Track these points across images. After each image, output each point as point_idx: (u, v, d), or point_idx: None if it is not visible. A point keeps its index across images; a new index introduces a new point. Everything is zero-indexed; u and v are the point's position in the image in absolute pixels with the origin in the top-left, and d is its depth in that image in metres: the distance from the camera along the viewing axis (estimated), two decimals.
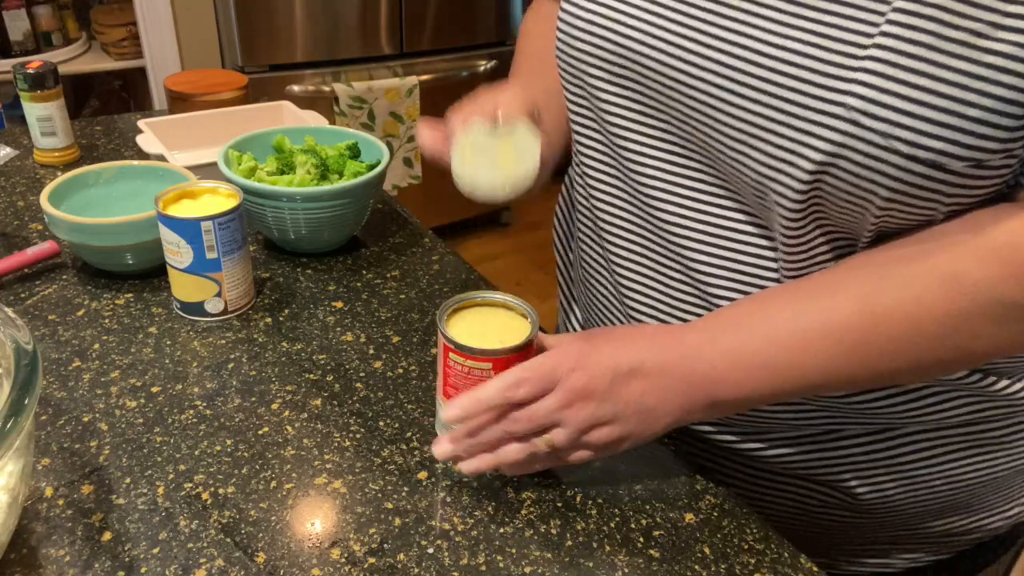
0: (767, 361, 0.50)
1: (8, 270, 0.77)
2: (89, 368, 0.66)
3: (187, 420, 0.62)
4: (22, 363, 0.45)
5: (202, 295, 0.72)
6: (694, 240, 0.57)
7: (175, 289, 0.73)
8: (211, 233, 0.69)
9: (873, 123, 0.43)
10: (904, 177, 0.45)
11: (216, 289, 0.72)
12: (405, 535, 0.53)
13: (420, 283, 0.81)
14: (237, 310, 0.74)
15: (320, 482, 0.57)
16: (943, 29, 0.41)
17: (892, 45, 0.42)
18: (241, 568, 0.50)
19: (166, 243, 0.70)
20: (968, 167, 0.44)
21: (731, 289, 0.57)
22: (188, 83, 1.13)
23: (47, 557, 0.50)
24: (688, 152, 0.56)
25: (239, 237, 0.71)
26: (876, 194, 0.46)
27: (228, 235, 0.70)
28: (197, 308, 0.73)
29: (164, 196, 0.71)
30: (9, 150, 1.05)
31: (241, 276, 0.73)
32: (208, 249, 0.69)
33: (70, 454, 0.58)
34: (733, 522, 0.56)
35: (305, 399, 0.64)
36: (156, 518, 0.53)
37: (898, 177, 0.45)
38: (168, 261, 0.71)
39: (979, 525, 0.67)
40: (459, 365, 0.54)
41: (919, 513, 0.65)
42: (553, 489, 0.57)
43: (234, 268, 0.72)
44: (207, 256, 0.70)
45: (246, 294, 0.74)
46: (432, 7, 2.30)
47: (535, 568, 0.51)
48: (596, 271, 0.69)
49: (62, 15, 2.30)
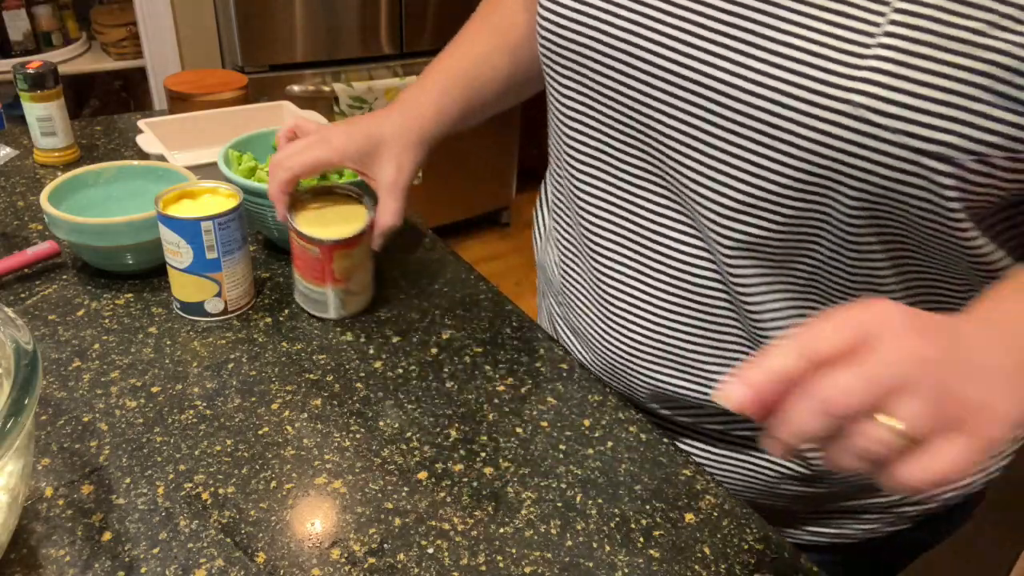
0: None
1: (8, 270, 0.77)
2: (89, 368, 0.67)
3: (187, 420, 0.62)
4: (22, 363, 0.45)
5: (202, 295, 0.72)
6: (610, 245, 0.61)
7: (175, 289, 0.73)
8: (211, 233, 0.69)
9: (882, 119, 0.44)
10: (912, 170, 0.45)
11: (216, 289, 0.72)
12: (405, 535, 0.53)
13: (420, 283, 0.81)
14: (237, 310, 0.74)
15: (320, 482, 0.57)
16: (944, 28, 0.42)
17: (896, 44, 0.43)
18: (241, 568, 0.50)
19: (166, 243, 0.70)
20: (975, 161, 0.44)
21: None
22: (188, 83, 1.13)
23: (47, 557, 0.50)
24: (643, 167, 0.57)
25: (239, 237, 0.71)
26: (885, 189, 0.46)
27: (228, 235, 0.70)
28: (197, 308, 0.73)
29: (164, 196, 0.71)
30: (9, 150, 1.05)
31: (241, 276, 0.73)
32: (208, 249, 0.69)
33: (70, 454, 0.58)
34: (733, 522, 0.56)
35: (305, 399, 0.64)
36: (156, 518, 0.53)
37: (906, 170, 0.45)
38: (168, 261, 0.71)
39: (931, 495, 0.68)
40: (299, 244, 0.70)
41: (869, 482, 0.65)
42: (553, 489, 0.57)
43: (234, 268, 0.72)
44: (207, 256, 0.70)
45: (246, 294, 0.74)
46: (432, 7, 2.30)
47: (535, 568, 0.51)
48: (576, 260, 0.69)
49: (62, 15, 2.30)
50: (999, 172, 0.46)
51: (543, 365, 0.70)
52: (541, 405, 0.65)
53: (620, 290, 0.63)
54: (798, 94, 0.46)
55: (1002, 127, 0.43)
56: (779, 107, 0.47)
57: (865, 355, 0.36)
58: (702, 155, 0.53)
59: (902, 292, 0.56)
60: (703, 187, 0.53)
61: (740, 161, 0.50)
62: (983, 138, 0.44)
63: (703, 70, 0.50)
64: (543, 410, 0.65)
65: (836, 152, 0.46)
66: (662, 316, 0.61)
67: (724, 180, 0.52)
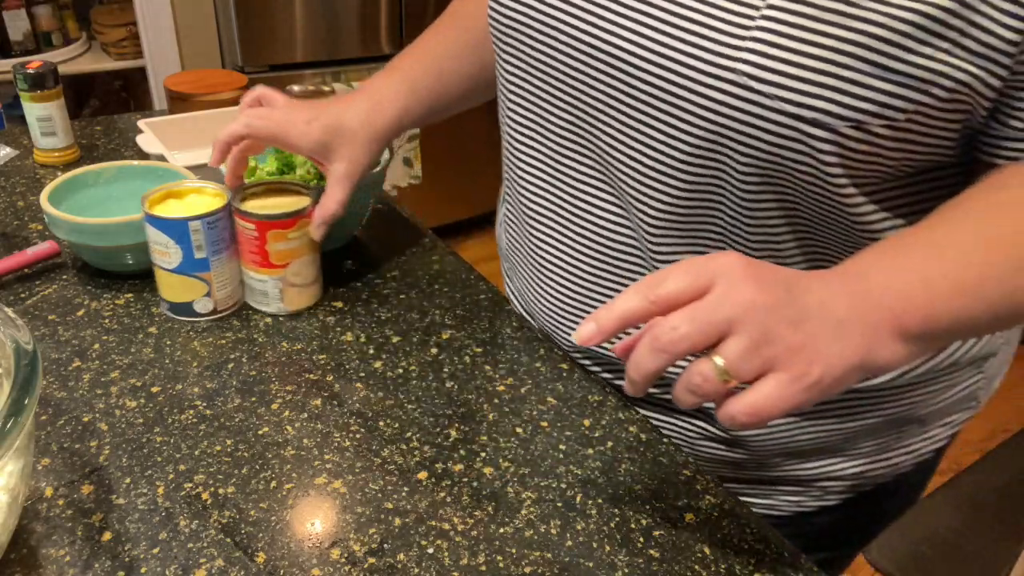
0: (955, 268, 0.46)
1: (8, 270, 0.77)
2: (89, 368, 0.67)
3: (187, 420, 0.62)
4: (22, 363, 0.45)
5: (191, 295, 0.72)
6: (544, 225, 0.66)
7: (163, 290, 0.73)
8: (200, 232, 0.69)
9: (762, 87, 0.47)
10: (792, 135, 0.48)
11: (206, 289, 0.71)
12: (405, 535, 0.53)
13: (420, 283, 0.81)
14: (226, 309, 0.74)
15: (320, 482, 0.57)
16: (820, 0, 0.46)
17: (777, 16, 0.47)
18: (241, 568, 0.50)
19: (154, 244, 0.70)
20: (851, 128, 0.47)
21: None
22: (188, 83, 1.13)
23: (47, 557, 0.50)
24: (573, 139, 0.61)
25: (227, 236, 0.71)
26: (770, 155, 0.50)
27: (216, 234, 0.70)
28: (186, 308, 0.72)
29: (150, 196, 0.71)
30: (9, 150, 1.05)
31: (229, 275, 0.73)
32: (197, 249, 0.69)
33: (70, 454, 0.58)
34: (733, 522, 0.56)
35: (305, 399, 0.64)
36: (156, 518, 0.53)
37: (786, 135, 0.48)
38: (155, 262, 0.71)
39: (858, 471, 0.69)
40: (239, 225, 0.71)
41: (790, 451, 0.67)
42: (553, 489, 0.57)
43: (223, 267, 0.72)
44: (196, 256, 0.70)
45: (235, 293, 0.74)
46: (432, 7, 2.30)
47: (535, 568, 0.51)
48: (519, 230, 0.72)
49: (62, 15, 2.29)
50: (879, 140, 0.48)
51: (543, 365, 0.70)
52: (541, 405, 0.65)
53: (551, 254, 0.67)
54: (691, 63, 0.50)
55: (875, 95, 0.46)
56: (677, 76, 0.51)
57: (703, 299, 0.41)
58: (621, 124, 0.56)
59: (802, 259, 0.58)
60: (623, 155, 0.57)
61: (650, 129, 0.54)
62: (857, 105, 0.46)
63: (618, 44, 0.53)
64: (543, 410, 0.65)
65: (725, 119, 0.49)
66: (586, 280, 0.65)
67: (639, 148, 0.55)
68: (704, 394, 0.42)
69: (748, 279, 0.41)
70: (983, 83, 0.46)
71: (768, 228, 0.55)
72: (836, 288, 0.44)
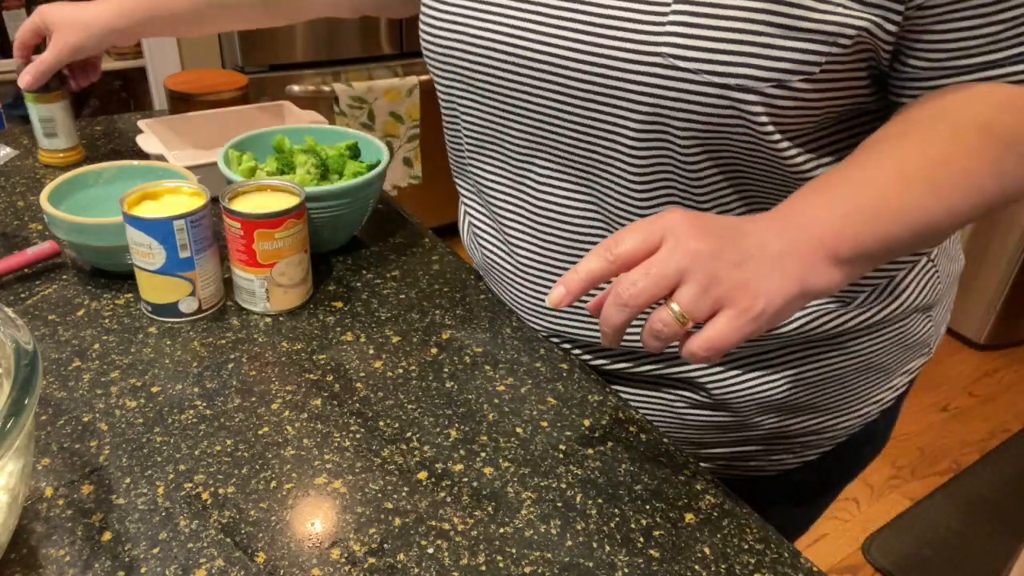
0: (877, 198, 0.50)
1: (8, 270, 0.77)
2: (89, 368, 0.67)
3: (187, 420, 0.62)
4: (22, 363, 0.45)
5: (176, 295, 0.71)
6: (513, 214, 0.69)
7: (144, 292, 0.72)
8: (184, 232, 0.69)
9: (688, 64, 0.52)
10: (723, 103, 0.52)
11: (190, 288, 0.71)
12: (405, 535, 0.53)
13: (420, 283, 0.81)
14: (210, 308, 0.74)
15: (320, 482, 0.57)
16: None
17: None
18: (241, 568, 0.50)
19: (135, 245, 0.69)
20: (774, 87, 0.52)
21: None
22: (188, 83, 1.13)
23: (47, 557, 0.50)
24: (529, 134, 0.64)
25: (210, 235, 0.71)
26: (707, 124, 0.54)
27: (200, 232, 0.70)
28: (171, 309, 0.72)
29: (127, 198, 0.71)
30: (9, 150, 1.05)
31: (213, 274, 0.73)
32: (181, 248, 0.69)
33: (70, 454, 0.58)
34: (733, 522, 0.56)
35: (305, 399, 0.64)
36: (156, 518, 0.53)
37: (717, 104, 0.53)
38: (137, 264, 0.70)
39: (833, 424, 0.74)
40: (226, 223, 0.71)
41: (768, 407, 0.71)
42: (553, 489, 0.57)
43: (206, 266, 0.72)
44: (180, 255, 0.69)
45: (218, 291, 0.74)
46: None
47: (535, 568, 0.51)
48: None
49: None
50: (801, 94, 0.53)
51: (543, 365, 0.70)
52: (541, 405, 0.65)
53: (525, 253, 0.70)
54: (620, 55, 0.54)
55: (790, 53, 0.50)
56: (610, 70, 0.55)
57: (655, 254, 0.46)
58: (573, 122, 0.60)
59: (745, 210, 0.62)
60: (581, 149, 0.61)
61: (599, 122, 0.58)
62: (775, 66, 0.51)
63: (552, 51, 0.58)
64: (543, 410, 0.65)
65: (661, 99, 0.54)
66: (556, 266, 0.69)
67: (593, 140, 0.60)
68: (666, 337, 0.47)
69: (693, 231, 0.47)
70: (881, 28, 0.51)
71: (715, 190, 0.60)
72: (772, 228, 0.49)
